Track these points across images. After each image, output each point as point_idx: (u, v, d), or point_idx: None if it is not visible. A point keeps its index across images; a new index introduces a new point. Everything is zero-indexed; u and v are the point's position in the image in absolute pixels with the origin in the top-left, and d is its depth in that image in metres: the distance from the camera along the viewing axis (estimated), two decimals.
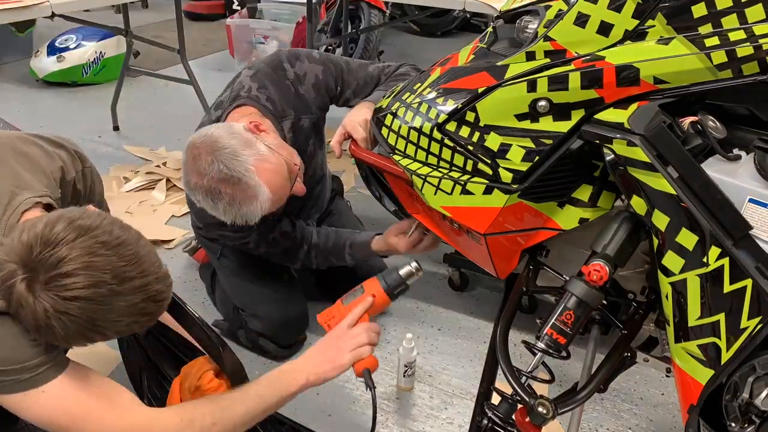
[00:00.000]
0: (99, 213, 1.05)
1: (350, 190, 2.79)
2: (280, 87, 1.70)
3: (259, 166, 1.41)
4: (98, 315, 0.98)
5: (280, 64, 1.72)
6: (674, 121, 1.07)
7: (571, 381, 1.41)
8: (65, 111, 3.69)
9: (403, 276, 1.36)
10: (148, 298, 1.02)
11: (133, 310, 1.01)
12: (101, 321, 0.99)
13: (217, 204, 1.42)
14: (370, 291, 1.36)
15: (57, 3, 2.30)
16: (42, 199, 1.16)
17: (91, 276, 0.96)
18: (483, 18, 5.21)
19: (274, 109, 1.67)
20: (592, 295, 1.12)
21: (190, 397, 1.29)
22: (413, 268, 1.37)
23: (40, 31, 4.61)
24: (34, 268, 0.96)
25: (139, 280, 1.00)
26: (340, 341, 1.29)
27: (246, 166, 1.40)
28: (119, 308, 0.99)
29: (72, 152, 1.34)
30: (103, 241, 0.98)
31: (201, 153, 1.40)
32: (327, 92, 1.76)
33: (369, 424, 1.28)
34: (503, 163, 1.18)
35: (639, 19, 1.05)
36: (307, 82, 1.72)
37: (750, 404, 1.04)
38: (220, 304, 2.03)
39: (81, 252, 0.96)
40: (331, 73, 1.74)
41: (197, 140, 1.43)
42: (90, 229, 0.98)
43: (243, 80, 1.69)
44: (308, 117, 1.75)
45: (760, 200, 0.99)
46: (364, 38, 4.06)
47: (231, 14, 4.96)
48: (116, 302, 0.98)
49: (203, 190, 1.41)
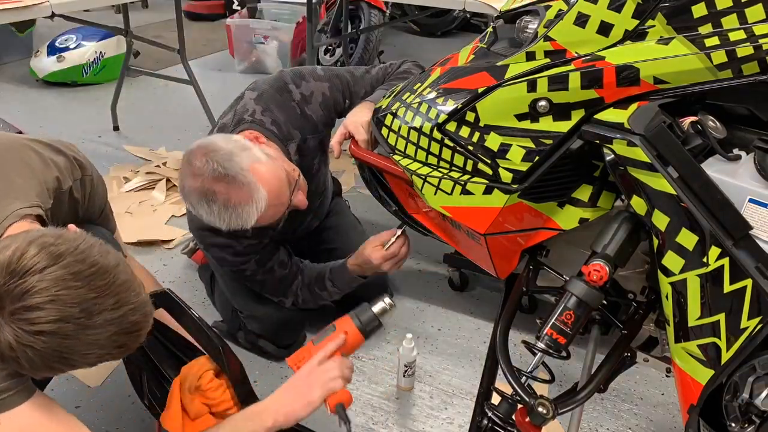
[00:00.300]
0: (77, 236, 0.98)
1: (350, 190, 2.79)
2: (286, 109, 1.68)
3: (256, 167, 1.41)
4: (65, 349, 0.93)
5: (285, 85, 1.69)
6: (674, 121, 1.07)
7: (571, 381, 1.41)
8: (65, 111, 3.69)
9: (376, 313, 1.31)
10: (120, 331, 0.97)
11: (105, 343, 0.96)
12: (68, 354, 0.94)
13: (211, 207, 1.40)
14: (342, 329, 1.30)
15: (57, 3, 2.30)
16: (32, 210, 1.12)
17: (57, 310, 0.91)
18: (483, 18, 5.21)
19: (280, 133, 1.65)
20: (592, 295, 1.12)
21: (190, 397, 1.29)
22: (387, 304, 1.32)
23: (40, 31, 4.61)
24: (0, 297, 0.90)
25: (110, 312, 0.95)
26: (310, 377, 1.23)
27: (241, 165, 1.39)
28: (89, 342, 0.94)
29: (72, 159, 1.30)
30: (74, 272, 0.92)
31: (196, 156, 1.40)
32: (335, 108, 1.74)
33: (369, 424, 1.28)
34: (503, 163, 1.18)
35: (639, 19, 1.05)
36: (314, 102, 1.71)
37: (750, 404, 1.04)
38: (219, 306, 2.03)
39: (48, 284, 0.91)
40: (338, 89, 1.73)
41: (193, 147, 1.43)
42: (62, 256, 0.93)
43: (247, 103, 1.67)
44: (314, 136, 1.74)
45: (760, 200, 0.99)
46: (364, 38, 4.06)
47: (231, 14, 4.97)
48: (85, 336, 0.93)
49: (197, 192, 1.40)
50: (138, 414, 1.64)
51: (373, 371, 1.85)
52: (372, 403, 1.74)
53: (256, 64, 4.44)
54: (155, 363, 1.47)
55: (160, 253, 2.35)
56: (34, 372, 0.98)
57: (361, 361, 1.88)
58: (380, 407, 1.72)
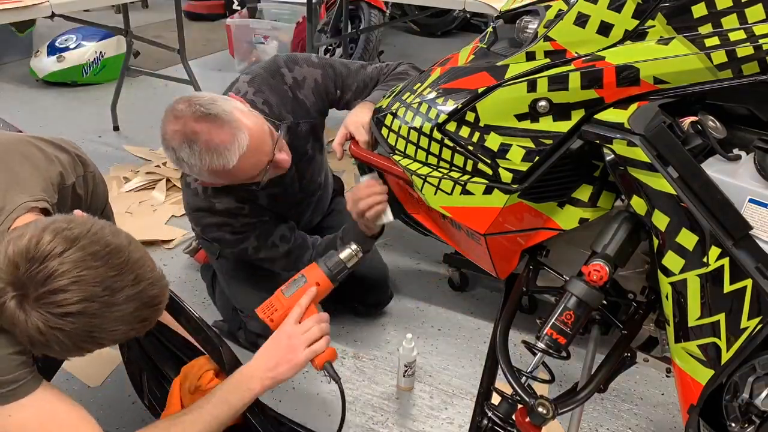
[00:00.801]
0: (86, 220, 1.01)
1: (350, 190, 2.78)
2: (278, 92, 1.69)
3: (238, 111, 1.42)
4: (93, 328, 0.96)
5: (277, 69, 1.71)
6: (674, 121, 1.07)
7: (571, 381, 1.41)
8: (65, 111, 3.69)
9: (343, 259, 1.30)
10: (142, 305, 1.00)
11: (129, 318, 0.99)
12: (97, 332, 0.97)
13: (193, 148, 1.39)
14: (313, 279, 1.29)
15: (57, 3, 2.30)
16: (38, 204, 1.14)
17: (82, 290, 0.94)
18: (483, 18, 5.21)
19: (271, 113, 1.66)
20: (592, 295, 1.12)
21: (190, 398, 1.29)
22: (353, 250, 1.31)
23: (40, 31, 4.61)
24: (24, 284, 0.93)
25: (131, 288, 0.98)
26: (292, 339, 1.23)
27: (224, 107, 1.40)
28: (114, 318, 0.97)
29: (74, 156, 1.32)
30: (92, 252, 0.95)
31: (178, 103, 1.41)
32: (326, 96, 1.75)
33: (369, 424, 1.28)
34: (503, 163, 1.18)
35: (639, 19, 1.05)
36: (306, 87, 1.72)
37: (750, 404, 1.04)
38: (220, 305, 2.03)
39: (70, 266, 0.93)
40: (330, 77, 1.74)
41: (175, 98, 1.44)
42: (77, 240, 0.95)
43: (240, 85, 1.69)
44: (307, 121, 1.75)
45: (760, 200, 0.99)
46: (364, 38, 4.06)
47: (231, 14, 4.97)
48: (110, 313, 0.97)
49: (179, 134, 1.39)
50: (138, 414, 1.64)
51: (373, 371, 1.85)
52: (372, 403, 1.74)
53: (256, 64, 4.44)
54: (155, 363, 1.47)
55: (160, 253, 2.35)
56: (64, 354, 1.01)
57: (361, 361, 1.88)
58: (380, 407, 1.72)
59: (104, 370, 1.79)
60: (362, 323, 2.03)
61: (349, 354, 1.91)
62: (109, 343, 1.01)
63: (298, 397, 1.75)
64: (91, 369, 1.79)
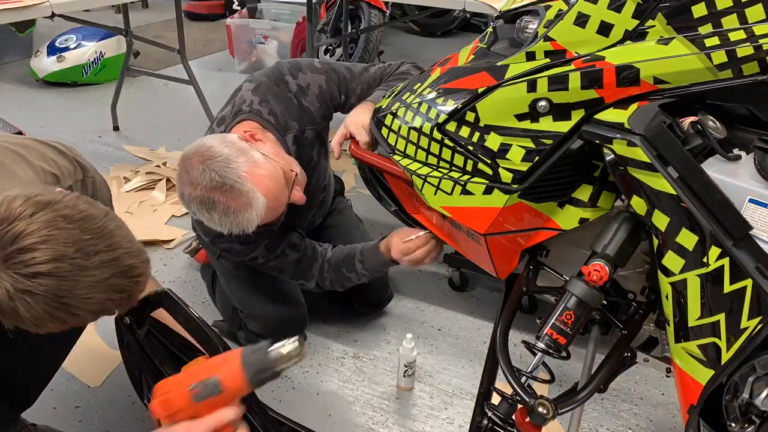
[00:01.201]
0: (62, 191, 0.97)
1: (350, 190, 2.79)
2: (283, 100, 1.68)
3: (253, 172, 1.41)
4: (64, 292, 0.91)
5: (281, 77, 1.70)
6: (674, 121, 1.07)
7: (571, 381, 1.41)
8: (65, 111, 3.69)
9: (275, 360, 1.04)
10: (119, 273, 0.95)
11: (103, 286, 0.94)
12: (68, 298, 0.92)
13: (212, 214, 1.42)
14: (228, 382, 1.04)
15: (57, 3, 2.30)
16: None
17: (52, 249, 0.89)
18: (483, 18, 5.21)
19: (277, 123, 1.66)
20: (592, 295, 1.12)
21: None
22: (293, 349, 1.04)
23: (40, 31, 4.61)
24: None
25: (106, 254, 0.93)
26: None
27: (238, 173, 1.39)
28: (87, 284, 0.92)
29: (72, 160, 1.30)
30: (64, 215, 0.92)
31: (193, 163, 1.40)
32: (331, 101, 1.75)
33: (369, 424, 1.28)
34: (503, 163, 1.18)
35: (639, 19, 1.05)
36: (310, 93, 1.71)
37: (750, 404, 1.04)
38: (220, 305, 2.03)
39: (40, 225, 0.89)
40: (334, 82, 1.73)
41: (190, 151, 1.43)
42: (50, 204, 0.92)
43: (244, 94, 1.68)
44: (312, 128, 1.74)
45: (760, 200, 0.99)
46: (364, 38, 4.06)
47: (231, 14, 4.97)
48: (83, 277, 0.91)
49: (197, 200, 1.41)
50: (138, 414, 1.64)
51: (373, 371, 1.85)
52: (372, 403, 1.74)
53: (256, 64, 4.44)
54: (155, 363, 1.47)
55: (160, 253, 2.35)
56: (36, 325, 0.94)
57: (361, 361, 1.88)
58: (380, 407, 1.73)
59: (104, 370, 1.79)
60: (362, 323, 2.03)
61: (349, 354, 1.91)
62: (83, 313, 0.95)
63: (298, 397, 1.75)
64: (91, 369, 1.79)
